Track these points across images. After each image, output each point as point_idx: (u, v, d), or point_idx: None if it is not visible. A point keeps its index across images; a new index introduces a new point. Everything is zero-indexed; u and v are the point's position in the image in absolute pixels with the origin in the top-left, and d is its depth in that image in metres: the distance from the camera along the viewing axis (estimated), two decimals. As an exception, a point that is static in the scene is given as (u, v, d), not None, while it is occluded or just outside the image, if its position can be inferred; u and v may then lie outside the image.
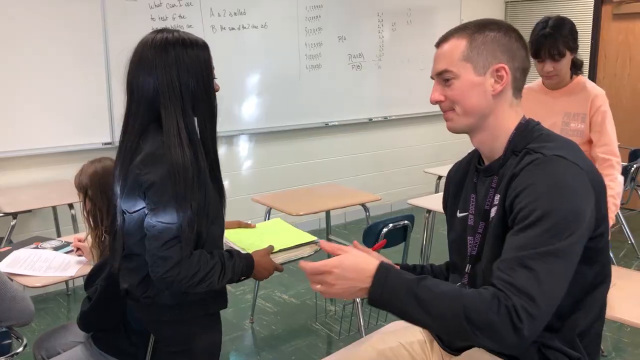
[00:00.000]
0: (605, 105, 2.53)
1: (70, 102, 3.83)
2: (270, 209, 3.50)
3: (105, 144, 3.99)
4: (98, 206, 2.09)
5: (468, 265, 1.41)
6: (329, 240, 3.95)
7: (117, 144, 4.01)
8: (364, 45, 5.25)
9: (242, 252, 1.81)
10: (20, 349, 1.84)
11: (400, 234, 3.00)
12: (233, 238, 1.97)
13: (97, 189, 2.08)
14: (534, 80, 2.68)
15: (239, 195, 4.77)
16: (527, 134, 1.33)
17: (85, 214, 2.11)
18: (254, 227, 2.14)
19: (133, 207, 1.66)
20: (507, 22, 1.39)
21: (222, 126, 5.06)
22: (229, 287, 1.70)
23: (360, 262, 1.21)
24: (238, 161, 4.79)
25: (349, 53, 5.17)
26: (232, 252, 1.76)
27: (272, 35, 4.68)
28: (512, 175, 1.26)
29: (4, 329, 1.80)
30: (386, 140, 5.55)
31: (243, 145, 4.82)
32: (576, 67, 2.57)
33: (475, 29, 1.34)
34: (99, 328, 2.12)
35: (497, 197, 1.30)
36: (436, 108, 1.41)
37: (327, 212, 3.86)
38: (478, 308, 1.11)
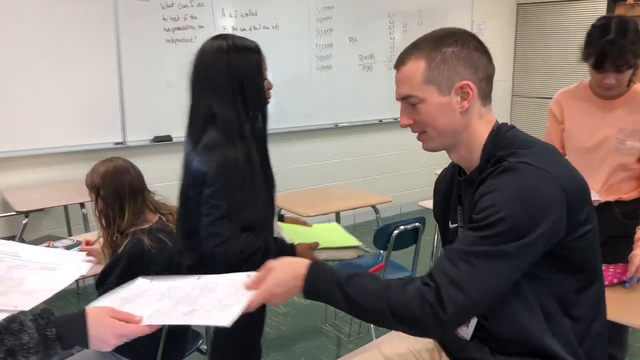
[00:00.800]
0: None
1: (82, 102, 3.85)
2: (280, 209, 3.50)
3: (117, 143, 4.01)
4: (110, 205, 2.09)
5: None
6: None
7: (128, 144, 4.06)
8: (375, 46, 5.25)
9: (289, 242, 1.98)
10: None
11: (411, 236, 2.99)
12: (287, 229, 2.15)
13: (109, 188, 2.09)
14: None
15: (249, 196, 4.78)
16: (499, 141, 1.31)
17: (97, 214, 2.12)
18: (310, 225, 2.32)
19: (193, 190, 1.89)
20: (464, 30, 1.33)
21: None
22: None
23: (292, 270, 1.30)
24: (248, 162, 4.80)
25: (359, 54, 5.16)
26: (277, 240, 1.99)
27: (283, 36, 4.68)
28: (479, 182, 1.28)
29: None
30: (397, 141, 5.54)
31: (253, 146, 4.82)
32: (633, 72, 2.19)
33: (431, 46, 1.29)
34: None
35: None
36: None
37: (337, 214, 3.86)
38: (402, 305, 1.20)
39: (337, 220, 3.93)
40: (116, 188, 2.08)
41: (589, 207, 1.28)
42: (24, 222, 3.49)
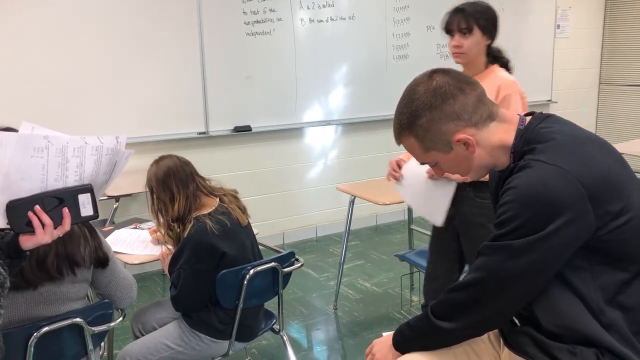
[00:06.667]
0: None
1: (168, 94, 4.04)
2: (355, 197, 3.55)
3: (200, 133, 4.18)
4: (162, 199, 2.23)
5: None
6: (410, 230, 3.96)
7: (210, 133, 4.19)
8: (454, 34, 5.17)
9: None
10: (120, 318, 2.00)
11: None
12: None
13: (158, 185, 2.24)
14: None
15: (325, 185, 4.86)
16: (527, 137, 1.32)
17: (154, 211, 2.26)
18: None
19: None
20: (422, 86, 1.39)
21: (309, 117, 5.10)
22: (312, 272, 1.70)
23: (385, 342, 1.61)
24: (324, 151, 4.88)
25: (437, 42, 5.10)
26: None
27: (359, 26, 4.71)
28: (504, 180, 1.33)
29: (107, 301, 1.96)
30: (475, 131, 5.42)
31: (329, 136, 4.90)
32: None
33: (410, 123, 1.36)
34: (192, 309, 2.25)
35: None
36: (537, 97, 1.39)
37: (411, 203, 3.85)
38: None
39: (410, 209, 3.92)
40: (164, 182, 2.23)
41: (625, 198, 1.25)
42: (114, 206, 3.74)
